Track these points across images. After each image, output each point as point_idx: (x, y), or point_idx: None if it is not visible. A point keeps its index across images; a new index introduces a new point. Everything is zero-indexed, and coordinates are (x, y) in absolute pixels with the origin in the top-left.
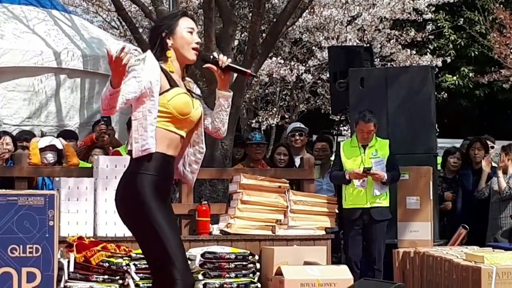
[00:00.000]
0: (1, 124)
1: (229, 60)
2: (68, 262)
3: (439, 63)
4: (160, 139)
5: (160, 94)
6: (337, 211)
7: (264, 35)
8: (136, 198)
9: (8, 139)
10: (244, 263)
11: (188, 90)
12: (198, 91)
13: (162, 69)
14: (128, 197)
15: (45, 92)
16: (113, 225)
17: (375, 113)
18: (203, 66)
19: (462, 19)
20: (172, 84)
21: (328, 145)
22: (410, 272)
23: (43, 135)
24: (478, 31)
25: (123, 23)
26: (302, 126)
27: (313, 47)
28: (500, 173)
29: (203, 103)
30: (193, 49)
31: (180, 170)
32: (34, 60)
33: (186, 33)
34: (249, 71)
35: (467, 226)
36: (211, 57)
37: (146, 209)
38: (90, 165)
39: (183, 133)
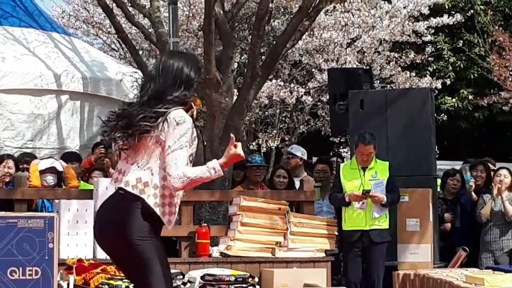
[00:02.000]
0: (2, 146)
1: None
2: (68, 284)
3: (439, 85)
4: None
5: None
6: (337, 233)
7: (264, 57)
8: (146, 233)
9: (11, 162)
10: (244, 285)
11: None
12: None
13: None
14: (138, 227)
15: (46, 114)
16: None
17: (375, 135)
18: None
19: (461, 41)
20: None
21: (328, 167)
22: None
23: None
24: (478, 53)
25: (123, 46)
26: (293, 150)
27: (313, 69)
28: (505, 196)
29: None
30: None
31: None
32: (34, 82)
33: None
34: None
35: (467, 249)
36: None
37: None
38: (90, 187)
39: None
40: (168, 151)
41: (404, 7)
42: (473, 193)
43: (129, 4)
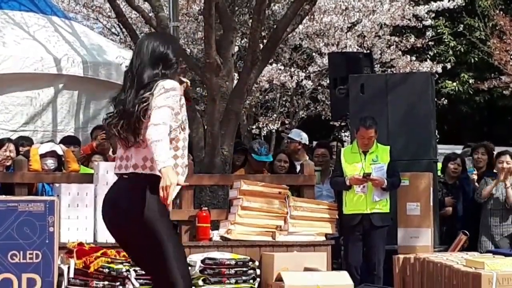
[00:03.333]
0: None
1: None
2: (68, 268)
3: (439, 70)
4: None
5: None
6: (337, 217)
7: (264, 41)
8: (157, 212)
9: (12, 146)
10: (244, 269)
11: None
12: None
13: None
14: (148, 208)
15: (45, 98)
16: None
17: (375, 119)
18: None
19: (462, 26)
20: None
21: (327, 151)
22: (410, 278)
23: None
24: (478, 37)
25: (123, 30)
26: (292, 134)
27: (313, 54)
28: (508, 183)
29: None
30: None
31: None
32: (34, 67)
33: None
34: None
35: (467, 232)
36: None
37: (165, 225)
38: (91, 171)
39: None
40: (155, 108)
41: None
42: (476, 183)
43: None
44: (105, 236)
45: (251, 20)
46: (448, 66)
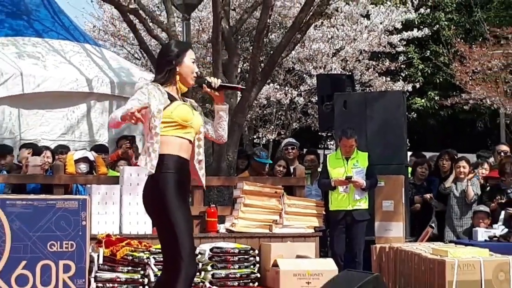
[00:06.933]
0: (40, 139)
1: (220, 80)
2: (98, 255)
3: (410, 88)
4: (172, 144)
5: (164, 109)
6: (324, 212)
7: (262, 65)
8: (160, 195)
9: (48, 153)
10: (246, 256)
11: (191, 105)
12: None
13: (163, 90)
14: (154, 194)
15: (79, 113)
16: (136, 224)
17: (356, 130)
18: (202, 91)
19: (428, 52)
20: (172, 99)
21: (316, 158)
22: (385, 264)
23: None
24: (442, 61)
25: (145, 55)
26: (294, 141)
27: (304, 75)
28: (468, 182)
29: (202, 116)
30: (194, 77)
31: (199, 174)
32: (70, 86)
33: (191, 63)
34: (239, 86)
35: (433, 226)
36: (206, 81)
37: (168, 205)
38: (117, 174)
39: (191, 138)
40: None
41: (381, 23)
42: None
43: (150, 20)
44: (129, 229)
45: (251, 47)
46: (417, 85)
